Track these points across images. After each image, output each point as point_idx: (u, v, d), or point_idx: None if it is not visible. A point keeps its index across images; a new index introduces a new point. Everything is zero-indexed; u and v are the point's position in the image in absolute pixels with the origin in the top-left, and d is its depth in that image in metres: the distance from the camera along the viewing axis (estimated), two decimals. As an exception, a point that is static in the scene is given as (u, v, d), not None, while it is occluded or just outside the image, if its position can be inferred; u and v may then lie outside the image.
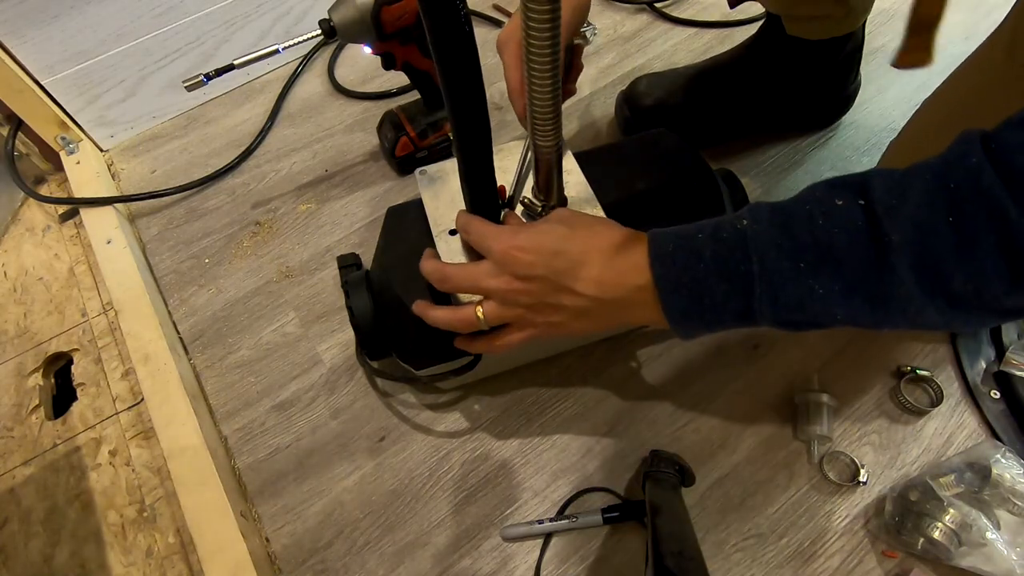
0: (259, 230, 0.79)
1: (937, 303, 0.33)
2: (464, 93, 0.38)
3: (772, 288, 0.36)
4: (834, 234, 0.34)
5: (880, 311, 0.35)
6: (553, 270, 0.41)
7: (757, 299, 0.37)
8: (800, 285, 0.35)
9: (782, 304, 0.36)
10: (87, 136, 0.86)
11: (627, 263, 0.41)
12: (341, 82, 0.91)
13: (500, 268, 0.43)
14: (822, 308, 0.36)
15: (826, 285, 0.35)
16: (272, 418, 0.65)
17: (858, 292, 0.35)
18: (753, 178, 0.77)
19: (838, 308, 0.35)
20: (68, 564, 0.60)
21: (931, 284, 0.33)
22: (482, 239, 0.44)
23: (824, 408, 0.59)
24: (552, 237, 0.42)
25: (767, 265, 0.36)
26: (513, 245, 0.42)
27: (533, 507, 0.59)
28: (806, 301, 0.36)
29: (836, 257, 0.34)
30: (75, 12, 0.74)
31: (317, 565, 0.58)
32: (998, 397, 0.60)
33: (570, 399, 0.64)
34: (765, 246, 0.36)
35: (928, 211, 0.32)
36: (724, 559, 0.55)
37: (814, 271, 0.35)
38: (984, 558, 0.50)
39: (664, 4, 0.95)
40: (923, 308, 0.34)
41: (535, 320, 0.44)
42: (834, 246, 0.34)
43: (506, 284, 0.43)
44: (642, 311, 0.41)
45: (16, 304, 0.77)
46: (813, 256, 0.35)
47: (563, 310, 0.43)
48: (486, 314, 0.44)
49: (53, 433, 0.67)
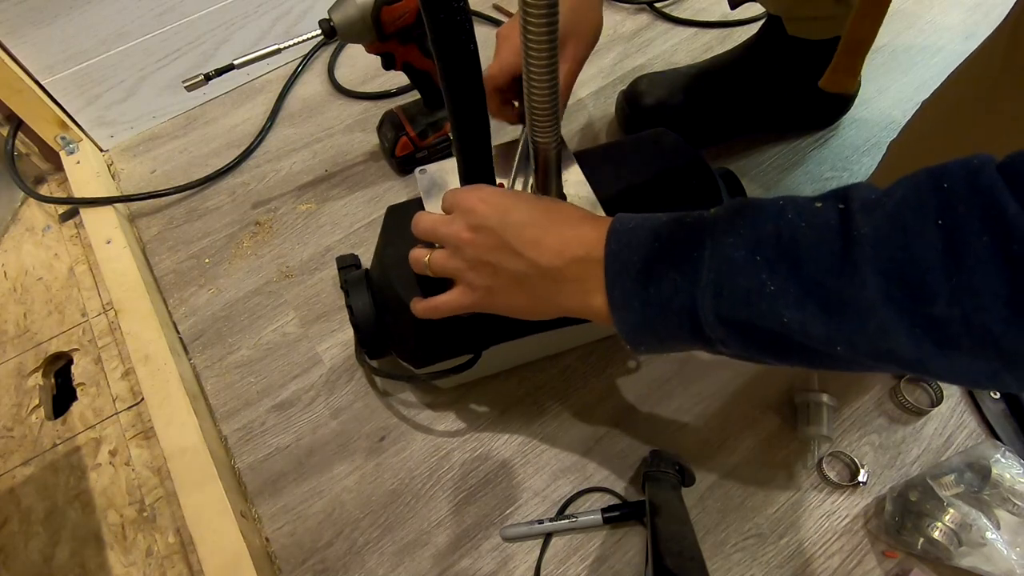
0: (259, 230, 0.79)
1: (910, 325, 0.27)
2: (464, 93, 0.38)
3: (719, 277, 0.32)
4: (801, 229, 0.30)
5: (834, 321, 0.29)
6: (502, 223, 0.40)
7: (701, 289, 0.33)
8: (750, 278, 0.31)
9: (726, 296, 0.32)
10: (87, 136, 0.86)
11: (575, 233, 0.39)
12: (341, 82, 0.91)
13: (458, 216, 0.43)
14: (769, 308, 0.31)
15: (779, 283, 0.30)
16: (272, 418, 0.65)
17: (813, 296, 0.30)
18: (753, 178, 0.77)
19: (787, 311, 0.30)
20: (68, 564, 0.60)
21: (904, 298, 0.27)
22: (454, 194, 0.44)
23: (824, 408, 0.59)
24: (517, 199, 0.42)
25: (719, 251, 0.32)
26: (478, 196, 0.42)
27: (533, 507, 0.59)
28: (753, 298, 0.31)
29: (797, 254, 0.30)
30: (75, 12, 0.74)
31: (317, 565, 0.58)
32: (998, 397, 0.60)
33: (570, 399, 0.64)
34: (723, 232, 0.33)
35: (913, 211, 0.27)
36: (724, 559, 0.55)
37: (770, 266, 0.31)
38: (984, 558, 0.50)
39: (664, 4, 0.95)
40: (889, 327, 0.28)
41: (472, 280, 0.43)
42: (798, 241, 0.30)
43: (456, 231, 0.42)
44: (580, 293, 0.39)
45: (16, 304, 0.77)
46: (773, 250, 0.31)
47: (500, 272, 0.41)
48: (431, 259, 0.44)
49: (53, 433, 0.67)
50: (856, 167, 0.76)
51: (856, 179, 0.74)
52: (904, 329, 0.27)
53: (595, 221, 0.40)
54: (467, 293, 0.44)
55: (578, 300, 0.39)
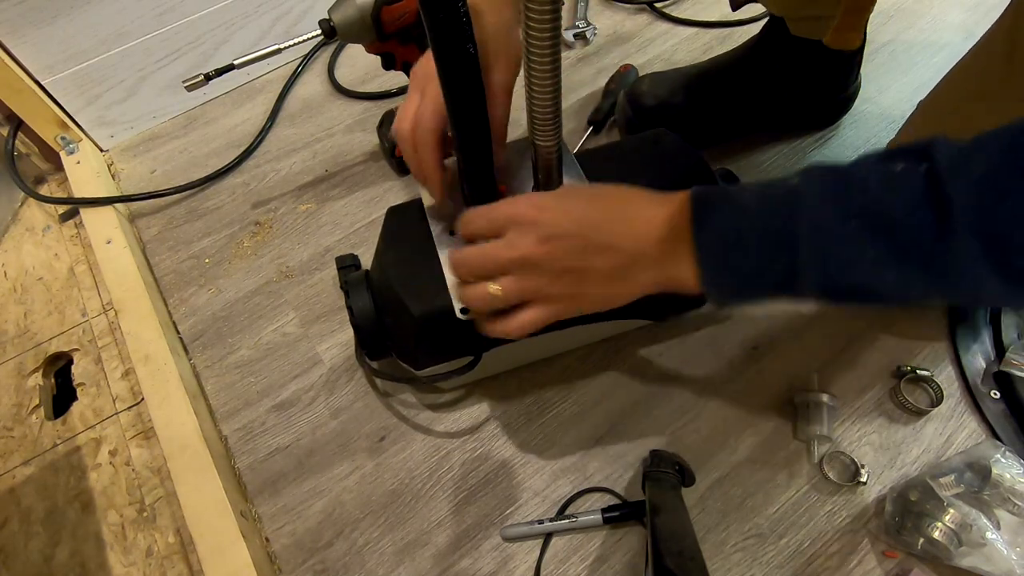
0: (259, 230, 0.79)
1: (1004, 278, 0.30)
2: (464, 93, 0.38)
3: (820, 250, 0.33)
4: (890, 199, 0.32)
5: (935, 282, 0.32)
6: (579, 224, 0.38)
7: (803, 261, 0.34)
8: (850, 248, 0.33)
9: (832, 266, 0.34)
10: (87, 136, 0.86)
11: (654, 213, 0.38)
12: (341, 82, 0.91)
13: (517, 234, 0.39)
14: (873, 273, 0.33)
15: (879, 250, 0.32)
16: (272, 418, 0.65)
17: (912, 259, 0.32)
18: (753, 178, 0.77)
19: (890, 274, 0.32)
20: (68, 564, 0.60)
21: (1000, 255, 0.29)
22: (492, 212, 0.40)
23: (824, 408, 0.59)
24: (575, 196, 0.39)
25: (817, 224, 0.33)
26: (532, 205, 0.39)
27: (533, 507, 0.59)
28: (856, 265, 0.33)
29: (891, 222, 0.32)
30: (75, 12, 0.74)
31: (317, 565, 0.58)
32: (998, 397, 0.60)
33: (570, 399, 0.64)
34: (816, 205, 0.34)
35: (999, 173, 0.29)
36: (724, 559, 0.55)
37: (867, 235, 0.32)
38: (984, 558, 0.50)
39: (664, 4, 0.95)
40: (982, 281, 0.31)
41: (556, 292, 0.40)
42: (890, 211, 0.32)
43: (524, 250, 0.38)
44: (669, 268, 0.38)
45: (16, 304, 0.77)
46: (867, 220, 0.32)
47: (588, 274, 0.39)
48: (505, 290, 0.40)
49: (53, 433, 0.67)
50: (856, 167, 0.76)
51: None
52: (999, 281, 0.30)
53: (664, 197, 0.39)
54: (549, 307, 0.41)
55: (666, 276, 0.39)
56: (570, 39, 0.92)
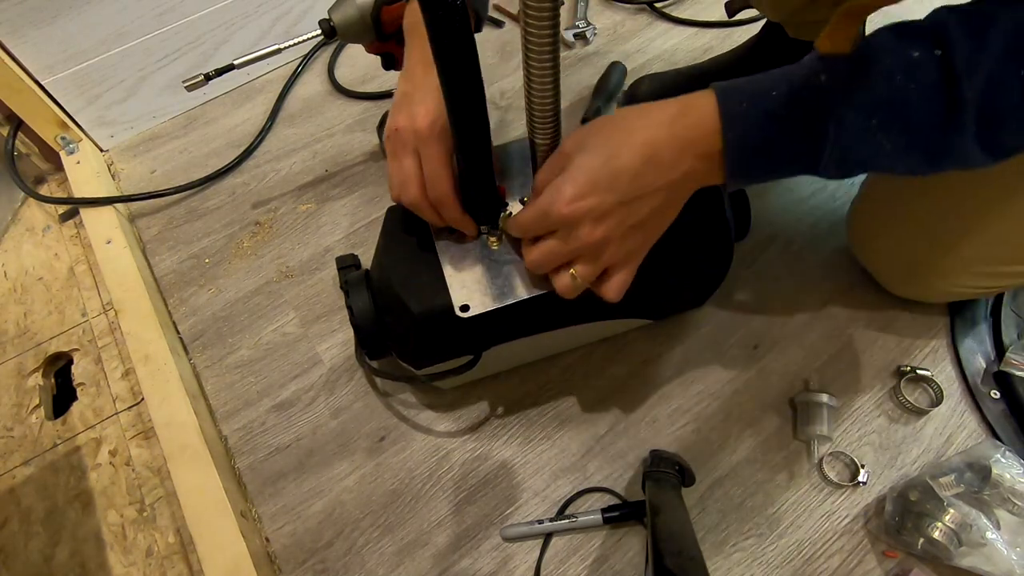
0: (259, 230, 0.79)
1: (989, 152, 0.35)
2: (464, 93, 0.38)
3: (843, 149, 0.37)
4: (910, 90, 0.34)
5: (935, 164, 0.37)
6: (618, 187, 0.39)
7: (826, 156, 0.37)
8: (870, 144, 0.36)
9: (851, 161, 0.37)
10: (87, 136, 0.86)
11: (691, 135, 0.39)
12: (341, 82, 0.91)
13: (570, 229, 0.40)
14: (885, 164, 0.37)
15: (894, 141, 0.36)
16: (272, 418, 0.65)
17: (919, 147, 0.36)
18: (753, 178, 0.77)
19: (899, 163, 0.37)
20: (68, 564, 0.60)
21: (989, 135, 0.34)
22: (542, 215, 0.41)
23: (824, 408, 0.59)
24: (596, 165, 0.39)
25: (843, 125, 0.36)
26: (571, 195, 0.39)
27: (533, 507, 0.59)
28: (871, 159, 0.37)
29: (907, 114, 0.35)
30: (75, 12, 0.74)
31: (317, 565, 0.58)
32: (998, 397, 0.60)
33: (570, 399, 0.64)
34: (843, 106, 0.36)
35: (1004, 66, 0.32)
36: (724, 559, 0.55)
37: (885, 128, 0.35)
38: (984, 558, 0.50)
39: (664, 4, 0.95)
40: (973, 156, 0.35)
41: (626, 251, 0.42)
42: (908, 103, 0.34)
43: (585, 239, 0.40)
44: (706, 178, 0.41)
45: (16, 304, 0.77)
46: (887, 113, 0.35)
47: (646, 222, 0.41)
48: (581, 275, 0.42)
49: (53, 433, 0.67)
50: (856, 167, 0.76)
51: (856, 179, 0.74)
52: (981, 154, 0.35)
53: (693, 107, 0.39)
54: (629, 264, 0.43)
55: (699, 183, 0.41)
56: (570, 39, 0.92)
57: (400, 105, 0.47)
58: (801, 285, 0.68)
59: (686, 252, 0.54)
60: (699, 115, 0.39)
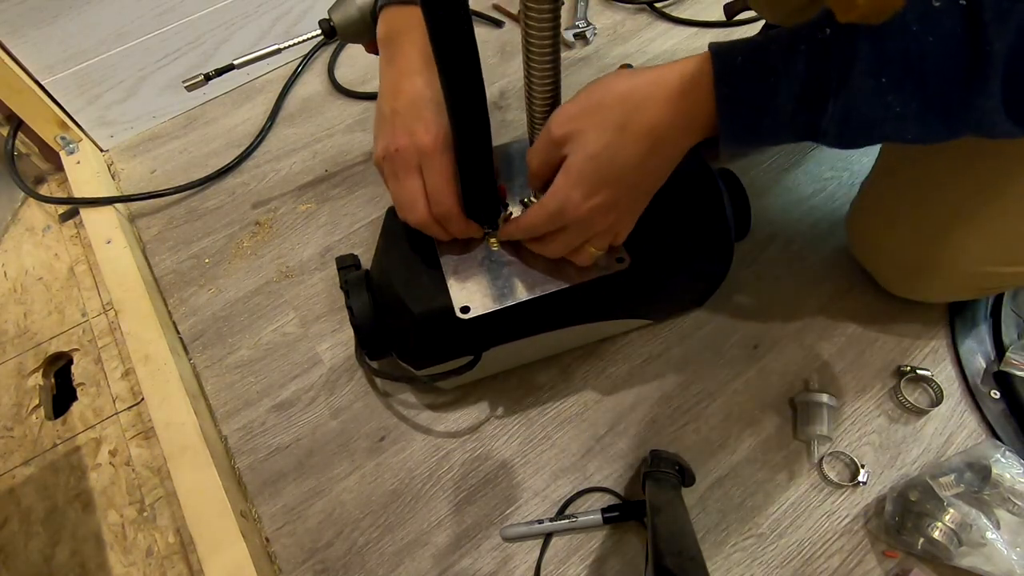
0: (259, 230, 0.79)
1: (1016, 118, 0.31)
2: (464, 93, 0.38)
3: (846, 108, 0.33)
4: (928, 43, 0.30)
5: (952, 128, 0.32)
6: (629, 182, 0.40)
7: (827, 118, 0.34)
8: (877, 104, 0.32)
9: (855, 125, 0.33)
10: (87, 136, 0.86)
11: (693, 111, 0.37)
12: (341, 82, 0.91)
13: (580, 223, 0.42)
14: (894, 128, 0.33)
15: (905, 102, 0.32)
16: (272, 418, 0.65)
17: (935, 108, 0.32)
18: (753, 178, 0.77)
19: (910, 128, 0.33)
20: (68, 564, 0.60)
21: (1017, 97, 0.30)
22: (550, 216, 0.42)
23: (824, 408, 0.59)
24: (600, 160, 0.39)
25: (848, 82, 0.32)
26: (577, 204, 0.41)
27: (533, 507, 0.59)
28: (878, 122, 0.33)
29: (923, 69, 0.31)
30: (75, 12, 0.74)
31: (317, 565, 0.58)
32: (998, 397, 0.60)
33: (570, 399, 0.64)
34: (848, 60, 0.32)
35: None
36: (724, 559, 0.55)
37: (896, 87, 0.31)
38: (984, 558, 0.50)
39: (664, 4, 0.95)
40: (998, 121, 0.31)
41: (634, 210, 0.44)
42: (924, 55, 0.30)
43: (600, 225, 0.43)
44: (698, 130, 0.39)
45: (16, 304, 0.77)
46: (899, 68, 0.31)
47: (650, 188, 0.43)
48: (598, 247, 0.45)
49: (53, 433, 0.67)
50: (856, 167, 0.76)
51: (855, 179, 0.75)
52: (1007, 120, 0.31)
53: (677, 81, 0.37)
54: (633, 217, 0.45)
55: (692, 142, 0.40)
56: (570, 39, 0.92)
57: (390, 125, 0.45)
58: (801, 285, 0.68)
59: (686, 252, 0.55)
60: (702, 94, 0.37)
